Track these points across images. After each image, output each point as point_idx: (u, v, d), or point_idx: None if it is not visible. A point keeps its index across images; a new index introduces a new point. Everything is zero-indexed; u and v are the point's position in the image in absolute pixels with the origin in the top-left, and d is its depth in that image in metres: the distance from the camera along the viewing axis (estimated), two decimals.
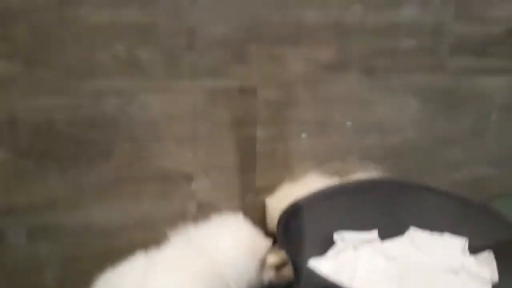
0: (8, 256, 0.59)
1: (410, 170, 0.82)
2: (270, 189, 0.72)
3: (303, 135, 0.72)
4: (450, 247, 0.69)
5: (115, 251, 0.62)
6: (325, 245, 0.69)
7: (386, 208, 0.73)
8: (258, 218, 0.71)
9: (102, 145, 0.60)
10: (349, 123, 0.75)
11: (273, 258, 0.63)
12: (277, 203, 0.68)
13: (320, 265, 0.65)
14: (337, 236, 0.70)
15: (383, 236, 0.73)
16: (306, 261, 0.63)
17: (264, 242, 0.63)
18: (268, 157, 0.71)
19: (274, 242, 0.64)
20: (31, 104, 0.55)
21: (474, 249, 0.66)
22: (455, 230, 0.69)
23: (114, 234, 0.64)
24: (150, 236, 0.66)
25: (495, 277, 0.60)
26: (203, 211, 0.67)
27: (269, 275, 0.63)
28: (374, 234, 0.72)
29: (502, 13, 0.82)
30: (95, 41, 0.56)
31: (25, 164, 0.57)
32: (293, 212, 0.64)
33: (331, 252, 0.69)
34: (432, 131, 0.83)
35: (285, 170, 0.73)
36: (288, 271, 0.64)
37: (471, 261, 0.65)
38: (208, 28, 0.61)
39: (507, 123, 0.90)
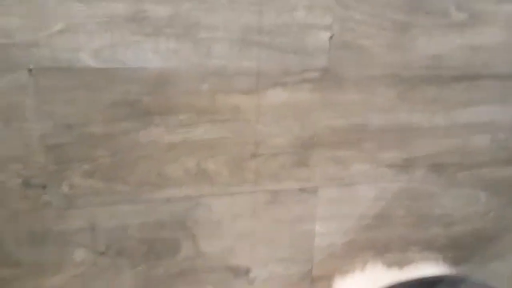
0: None
1: (474, 260, 0.80)
2: (327, 278, 0.74)
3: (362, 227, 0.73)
4: None
5: None
6: None
7: None
8: None
9: (169, 243, 0.65)
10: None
11: None
12: None
13: None
14: None
15: None
16: None
17: None
18: (326, 249, 0.73)
19: None
20: (109, 212, 0.61)
21: None
22: None
23: None
24: None
25: None
26: None
27: None
28: None
29: None
30: (168, 158, 0.60)
31: (102, 262, 0.63)
32: None
33: None
34: (501, 222, 0.79)
35: (343, 261, 0.74)
36: None
37: None
38: (271, 139, 0.63)
39: None
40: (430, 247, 0.77)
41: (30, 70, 0.53)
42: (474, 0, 0.66)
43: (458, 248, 0.79)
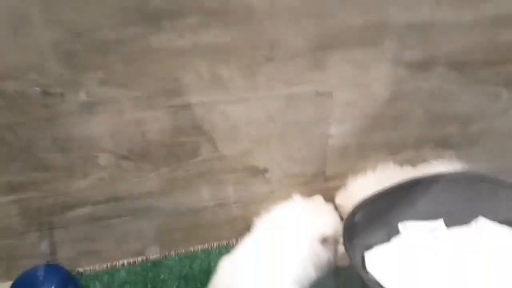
0: (118, 229, 0.73)
1: (488, 157, 0.81)
2: (340, 177, 0.77)
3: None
4: None
5: (199, 226, 0.75)
6: (391, 234, 0.75)
7: (456, 200, 0.75)
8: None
9: (188, 146, 0.67)
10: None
11: None
12: (347, 196, 0.73)
13: (384, 252, 0.72)
14: (401, 226, 0.75)
15: (449, 225, 0.76)
16: (362, 260, 0.70)
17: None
18: (340, 150, 0.74)
19: None
20: (128, 119, 0.62)
21: None
22: None
23: (199, 214, 0.75)
24: (230, 215, 0.76)
25: None
26: (276, 196, 0.75)
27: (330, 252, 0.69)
28: (439, 223, 0.76)
29: None
30: (180, 64, 0.59)
31: (125, 165, 0.66)
32: (360, 209, 0.69)
33: (394, 241, 0.75)
34: None
35: (356, 160, 0.76)
36: None
37: None
38: (286, 41, 0.61)
39: None
40: (445, 145, 0.78)
41: None
42: None
43: (473, 146, 0.80)
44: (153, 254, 0.76)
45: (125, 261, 0.75)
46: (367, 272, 0.60)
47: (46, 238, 0.69)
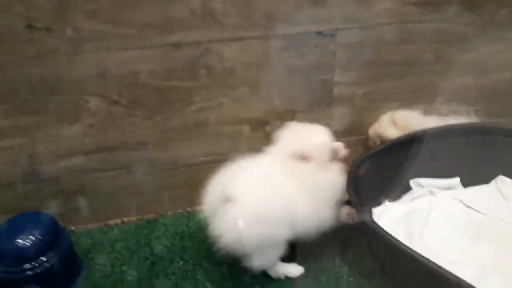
0: (111, 185, 0.69)
1: (507, 112, 0.75)
2: (348, 133, 0.72)
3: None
4: None
5: (197, 180, 0.70)
6: (402, 191, 0.69)
7: (473, 155, 0.69)
8: None
9: (182, 93, 0.64)
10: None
11: None
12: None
13: (393, 210, 0.67)
14: (413, 182, 0.70)
15: (467, 183, 0.70)
16: (370, 212, 0.64)
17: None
18: (346, 101, 0.69)
19: None
20: (117, 58, 0.59)
21: None
22: None
23: (197, 170, 0.71)
24: None
25: None
26: None
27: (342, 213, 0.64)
28: (455, 180, 0.70)
29: None
30: None
31: (116, 111, 0.63)
32: (365, 162, 0.65)
33: (405, 198, 0.69)
34: None
35: (364, 113, 0.71)
36: None
37: None
38: None
39: None
40: (460, 99, 0.72)
41: None
42: None
43: (491, 101, 0.74)
44: (148, 213, 0.73)
45: (119, 220, 0.72)
46: (376, 225, 0.55)
47: (36, 191, 0.66)
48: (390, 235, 0.51)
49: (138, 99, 0.63)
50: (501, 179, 0.70)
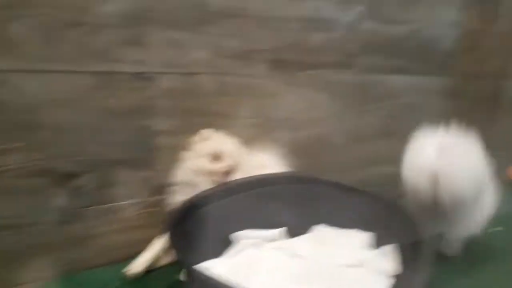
0: None
1: (319, 166, 0.81)
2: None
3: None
4: (355, 242, 0.68)
5: None
6: (225, 245, 0.65)
7: (296, 205, 0.71)
8: None
9: None
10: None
11: None
12: None
13: (215, 266, 0.61)
14: (234, 236, 0.66)
15: (291, 234, 0.71)
16: (199, 263, 0.59)
17: None
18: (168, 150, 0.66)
19: None
20: None
21: (380, 244, 0.65)
22: (364, 226, 0.68)
23: None
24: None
25: (397, 269, 0.60)
26: None
27: None
28: (278, 232, 0.70)
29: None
30: None
31: None
32: (187, 211, 0.60)
33: (229, 253, 0.65)
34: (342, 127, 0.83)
35: None
36: None
37: (374, 254, 0.65)
38: (100, 5, 0.55)
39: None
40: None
41: None
42: None
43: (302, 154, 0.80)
44: None
45: None
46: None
47: None
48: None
49: None
50: (319, 227, 0.72)
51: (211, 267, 0.59)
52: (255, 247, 0.66)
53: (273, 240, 0.69)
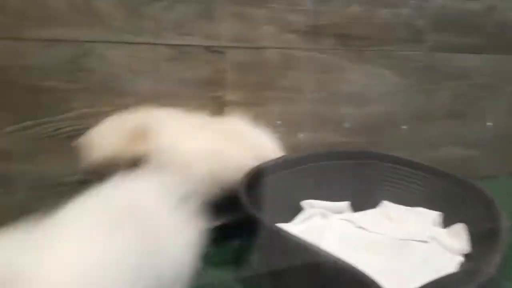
0: None
1: (384, 144, 0.80)
2: None
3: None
4: (423, 220, 0.67)
5: None
6: (292, 213, 0.67)
7: (360, 180, 0.71)
8: None
9: (57, 96, 0.58)
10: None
11: None
12: None
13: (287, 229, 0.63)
14: (305, 203, 0.68)
15: (355, 208, 0.71)
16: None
17: None
18: None
19: None
20: None
21: (448, 223, 0.64)
22: (430, 204, 0.67)
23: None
24: None
25: (466, 248, 0.58)
26: None
27: None
28: (345, 204, 0.70)
29: None
30: None
31: None
32: (257, 175, 0.62)
33: (298, 219, 0.67)
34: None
35: None
36: None
37: (443, 233, 0.63)
38: None
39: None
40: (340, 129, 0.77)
41: None
42: None
43: (368, 132, 0.79)
44: None
45: None
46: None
47: None
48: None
49: (7, 99, 0.55)
50: (386, 203, 0.72)
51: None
52: (323, 216, 0.68)
53: (339, 212, 0.70)
